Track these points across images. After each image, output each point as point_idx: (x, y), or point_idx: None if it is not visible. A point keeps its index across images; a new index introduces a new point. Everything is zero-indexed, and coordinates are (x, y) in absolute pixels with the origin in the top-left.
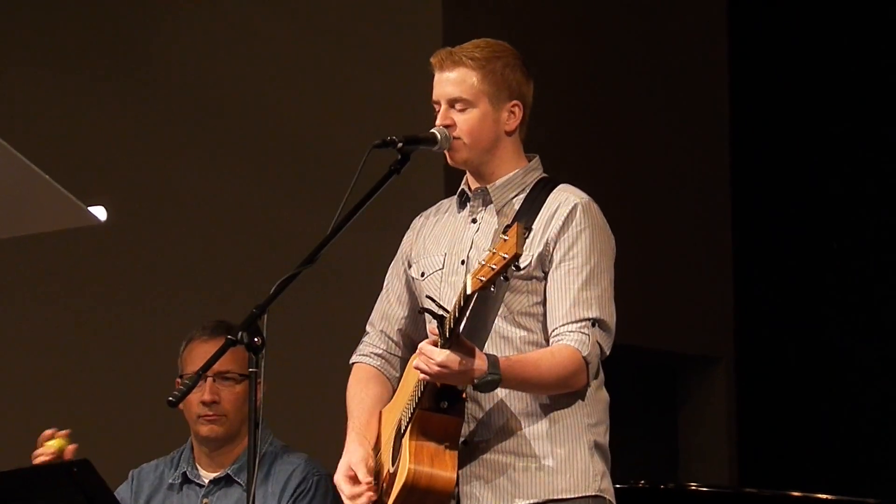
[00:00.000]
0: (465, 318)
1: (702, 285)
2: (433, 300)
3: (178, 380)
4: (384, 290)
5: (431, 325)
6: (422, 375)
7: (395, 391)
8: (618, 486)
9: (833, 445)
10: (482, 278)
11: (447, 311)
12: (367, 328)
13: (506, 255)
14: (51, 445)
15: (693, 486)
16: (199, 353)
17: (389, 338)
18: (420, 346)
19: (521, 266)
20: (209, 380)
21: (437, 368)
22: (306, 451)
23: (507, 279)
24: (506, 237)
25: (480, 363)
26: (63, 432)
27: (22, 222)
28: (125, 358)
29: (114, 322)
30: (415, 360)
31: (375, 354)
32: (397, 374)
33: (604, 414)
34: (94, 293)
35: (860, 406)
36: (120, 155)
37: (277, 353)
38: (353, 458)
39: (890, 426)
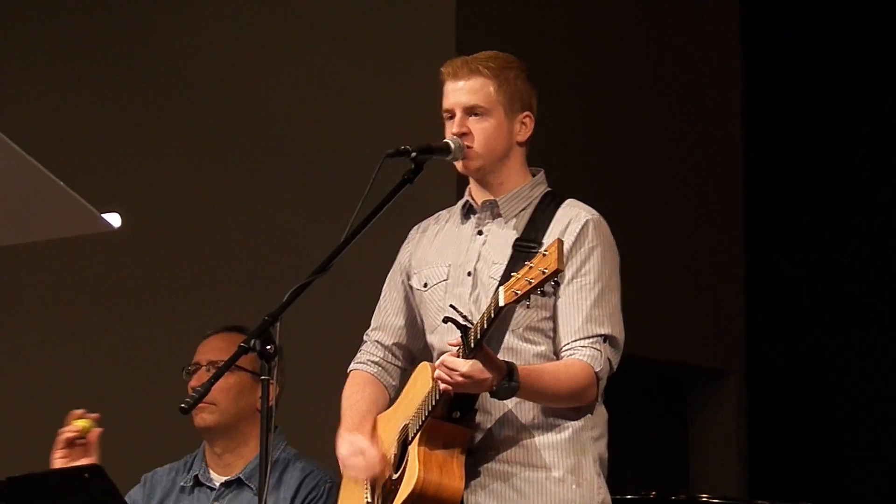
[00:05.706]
0: (491, 330)
1: (713, 297)
2: (456, 309)
3: (183, 370)
4: (381, 300)
5: (451, 337)
6: (443, 386)
7: (391, 399)
8: (629, 497)
9: (844, 458)
10: (517, 291)
11: (471, 322)
12: (364, 337)
13: (545, 270)
14: (77, 424)
15: (704, 497)
16: (202, 346)
17: (386, 347)
18: (443, 358)
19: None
20: (202, 368)
21: (460, 379)
22: (317, 457)
23: (543, 294)
24: (545, 252)
25: (500, 372)
26: (92, 415)
27: (36, 228)
28: (138, 363)
29: (125, 327)
30: (435, 371)
31: (372, 362)
32: (394, 383)
33: (605, 428)
34: (104, 298)
35: (871, 419)
36: (134, 162)
37: (289, 360)
38: (359, 439)
39: None
